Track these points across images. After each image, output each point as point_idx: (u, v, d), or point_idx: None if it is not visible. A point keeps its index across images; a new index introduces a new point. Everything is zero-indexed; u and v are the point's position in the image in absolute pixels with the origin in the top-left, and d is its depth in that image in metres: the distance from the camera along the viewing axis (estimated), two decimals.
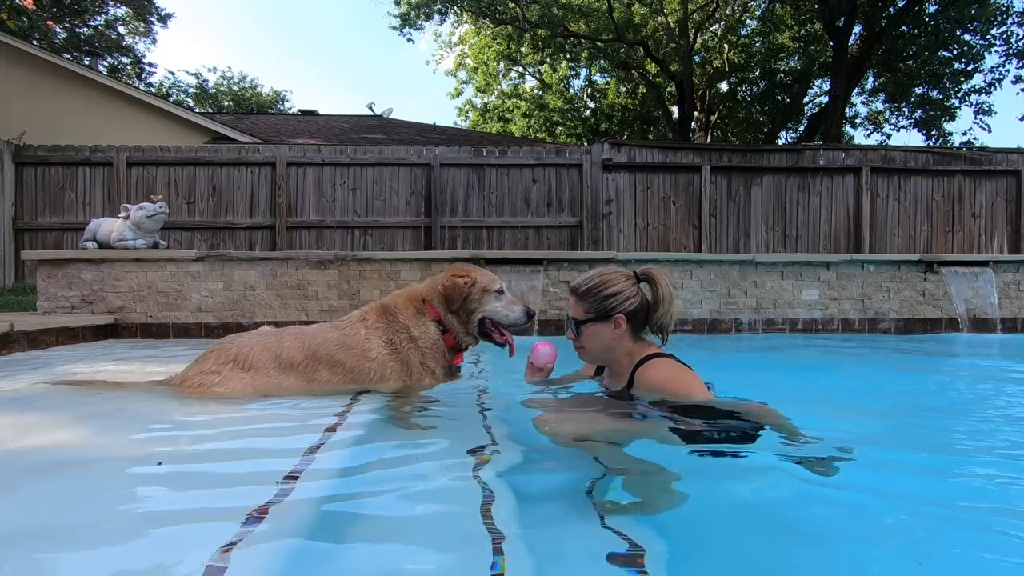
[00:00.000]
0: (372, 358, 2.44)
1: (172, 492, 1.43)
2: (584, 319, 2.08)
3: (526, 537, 1.14)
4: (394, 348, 2.47)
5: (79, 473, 1.54)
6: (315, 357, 2.43)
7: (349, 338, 2.48)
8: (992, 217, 9.96)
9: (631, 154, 9.70)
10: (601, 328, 2.06)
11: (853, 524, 1.28)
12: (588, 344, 2.12)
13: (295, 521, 1.20)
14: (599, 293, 2.06)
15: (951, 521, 1.30)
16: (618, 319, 2.04)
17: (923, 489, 1.50)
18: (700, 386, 1.98)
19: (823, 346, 5.08)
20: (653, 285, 2.07)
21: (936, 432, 2.16)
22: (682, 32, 18.66)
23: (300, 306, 5.50)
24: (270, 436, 1.93)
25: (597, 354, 2.16)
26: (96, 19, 21.92)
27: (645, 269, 2.11)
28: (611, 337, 2.06)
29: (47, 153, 9.15)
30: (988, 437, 2.07)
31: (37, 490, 1.43)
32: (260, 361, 2.40)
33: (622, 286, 2.06)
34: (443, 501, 1.38)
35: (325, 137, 14.12)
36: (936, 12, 14.91)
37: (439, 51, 27.70)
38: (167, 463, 1.60)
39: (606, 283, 2.07)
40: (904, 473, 1.63)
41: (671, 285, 2.08)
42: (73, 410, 2.22)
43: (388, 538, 1.18)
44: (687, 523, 1.29)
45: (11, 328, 3.93)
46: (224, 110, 28.14)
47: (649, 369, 2.00)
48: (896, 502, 1.40)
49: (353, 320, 2.57)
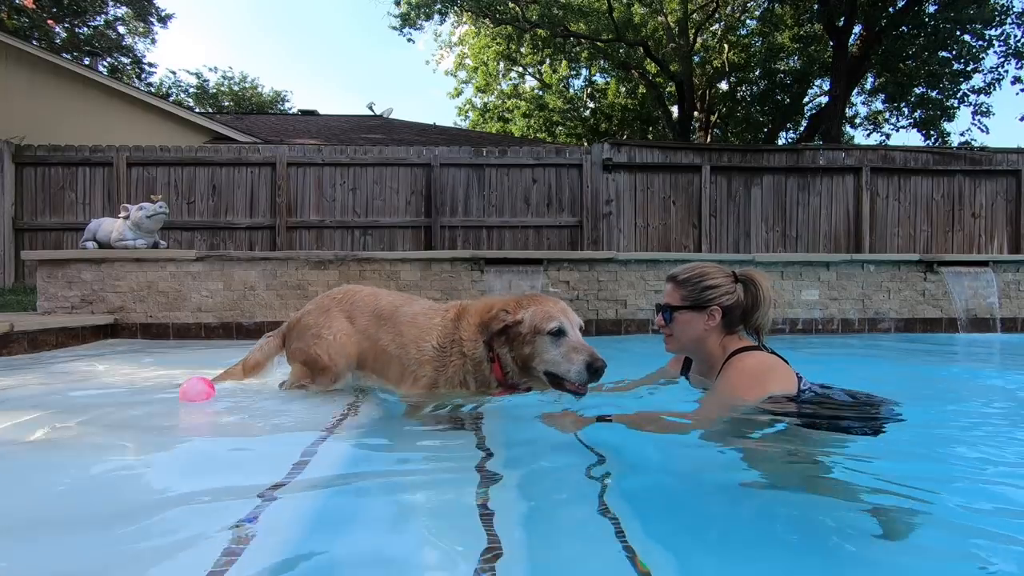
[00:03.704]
0: (421, 349, 2.32)
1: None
2: (680, 305, 2.10)
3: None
4: (441, 353, 2.30)
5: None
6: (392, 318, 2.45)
7: (422, 318, 2.39)
8: (992, 217, 9.96)
9: (631, 154, 9.70)
10: (695, 317, 2.08)
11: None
12: (678, 332, 2.12)
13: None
14: (699, 283, 2.09)
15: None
16: (713, 311, 2.06)
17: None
18: (778, 386, 1.94)
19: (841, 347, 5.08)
20: (754, 287, 2.09)
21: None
22: (682, 32, 18.66)
23: (300, 306, 5.44)
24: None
25: (685, 343, 2.15)
26: (96, 19, 21.91)
27: (745, 271, 2.14)
28: (703, 328, 2.08)
29: (47, 153, 9.14)
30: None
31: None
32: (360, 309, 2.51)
33: (721, 280, 2.09)
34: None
35: (325, 137, 14.12)
36: (936, 12, 14.91)
37: (439, 51, 27.77)
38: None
39: (707, 275, 2.10)
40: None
41: (770, 288, 2.11)
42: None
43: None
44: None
45: (11, 328, 3.93)
46: (224, 110, 28.13)
47: (738, 361, 2.00)
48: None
49: (440, 308, 2.46)
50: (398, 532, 1.22)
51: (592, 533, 1.20)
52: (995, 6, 14.65)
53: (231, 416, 2.24)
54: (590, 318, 5.62)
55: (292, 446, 1.71)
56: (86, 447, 1.80)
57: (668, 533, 1.25)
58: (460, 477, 1.50)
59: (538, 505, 1.38)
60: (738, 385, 1.94)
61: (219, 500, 1.35)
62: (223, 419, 2.21)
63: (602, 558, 1.09)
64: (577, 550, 1.16)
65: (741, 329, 2.13)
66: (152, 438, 1.94)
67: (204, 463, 1.68)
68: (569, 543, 1.20)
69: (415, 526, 1.25)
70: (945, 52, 15.57)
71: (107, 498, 1.39)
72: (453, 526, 1.22)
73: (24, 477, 1.55)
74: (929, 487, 1.41)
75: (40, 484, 1.49)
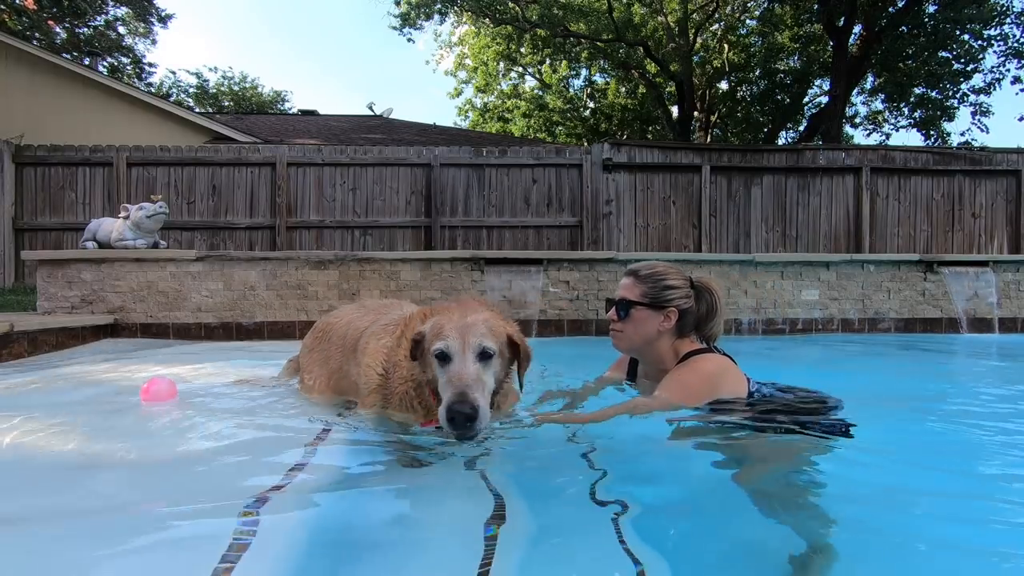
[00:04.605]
0: (368, 377, 2.01)
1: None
2: (639, 301, 2.05)
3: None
4: (385, 379, 1.97)
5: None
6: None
7: (373, 341, 2.08)
8: (992, 217, 9.96)
9: (631, 154, 9.70)
10: (652, 316, 2.04)
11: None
12: (631, 329, 2.07)
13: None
14: (660, 281, 2.06)
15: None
16: (670, 312, 2.03)
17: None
18: (730, 388, 1.94)
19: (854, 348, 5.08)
20: (709, 295, 2.07)
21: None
22: (682, 32, 18.65)
23: (300, 306, 5.50)
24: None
25: (636, 343, 2.09)
26: (96, 19, 21.90)
27: (702, 279, 2.12)
28: (657, 329, 2.04)
29: (47, 153, 9.14)
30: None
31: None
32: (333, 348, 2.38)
33: (680, 283, 2.07)
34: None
35: (325, 137, 14.12)
36: (935, 12, 14.91)
37: (439, 51, 27.75)
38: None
39: (668, 275, 2.07)
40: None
41: (724, 297, 2.10)
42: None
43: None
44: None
45: (11, 328, 3.93)
46: (224, 110, 28.13)
47: (694, 363, 1.98)
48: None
49: (399, 322, 2.04)
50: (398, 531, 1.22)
51: (590, 534, 1.20)
52: (995, 6, 14.66)
53: (231, 415, 2.24)
54: (590, 318, 5.63)
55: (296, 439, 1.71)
56: (86, 447, 1.80)
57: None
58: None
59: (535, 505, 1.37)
60: (691, 384, 1.91)
61: (218, 500, 1.35)
62: (223, 418, 2.20)
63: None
64: (575, 544, 1.16)
65: (693, 335, 2.10)
66: (153, 437, 1.94)
67: (204, 463, 1.68)
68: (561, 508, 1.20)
69: (415, 527, 1.25)
70: (945, 52, 15.58)
71: (107, 498, 1.39)
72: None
73: (19, 476, 1.55)
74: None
75: (37, 483, 1.49)
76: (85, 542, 1.15)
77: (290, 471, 1.52)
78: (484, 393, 1.55)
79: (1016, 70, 15.38)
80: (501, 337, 1.69)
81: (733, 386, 1.95)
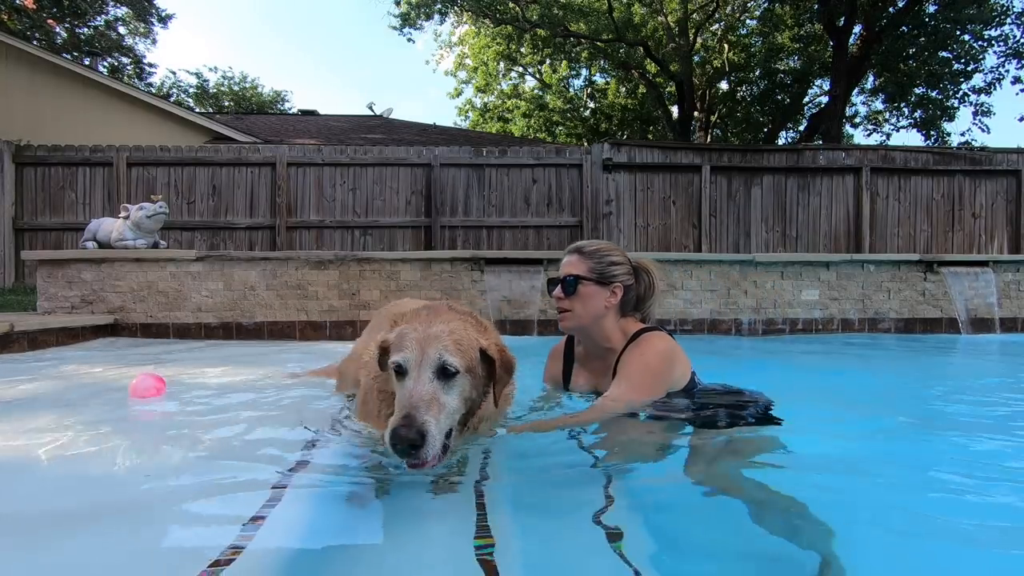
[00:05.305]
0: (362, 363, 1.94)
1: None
2: (586, 276, 2.06)
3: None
4: (367, 393, 1.86)
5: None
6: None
7: (362, 348, 2.05)
8: (992, 217, 9.96)
9: (631, 154, 9.70)
10: (599, 292, 2.06)
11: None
12: (580, 306, 2.06)
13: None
14: (605, 257, 2.09)
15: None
16: (616, 288, 2.06)
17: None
18: (682, 368, 2.00)
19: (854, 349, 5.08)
20: (647, 275, 2.13)
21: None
22: (682, 32, 18.65)
23: (300, 306, 5.50)
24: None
25: (586, 320, 2.07)
26: (96, 19, 21.91)
27: (639, 259, 2.18)
28: (604, 305, 2.06)
29: (47, 153, 9.14)
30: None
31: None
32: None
33: (622, 259, 2.12)
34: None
35: (325, 137, 14.12)
36: (936, 12, 14.91)
37: (439, 51, 27.78)
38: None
39: (612, 251, 2.12)
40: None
41: (661, 278, 2.17)
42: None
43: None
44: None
45: (11, 328, 3.93)
46: (224, 110, 28.14)
47: (646, 342, 1.99)
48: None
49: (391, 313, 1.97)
50: (398, 531, 1.22)
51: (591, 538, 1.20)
52: (995, 6, 14.66)
53: (233, 413, 2.23)
54: None
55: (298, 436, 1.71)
56: (84, 447, 1.80)
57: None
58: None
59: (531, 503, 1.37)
60: (652, 363, 1.95)
61: (220, 500, 1.35)
62: (223, 417, 2.20)
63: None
64: (569, 544, 1.16)
65: (635, 314, 2.15)
66: (151, 437, 1.94)
67: (203, 462, 1.68)
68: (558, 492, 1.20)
69: (415, 524, 1.25)
70: (945, 52, 15.58)
71: (107, 497, 1.39)
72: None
73: (16, 476, 1.55)
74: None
75: (34, 483, 1.49)
76: (81, 542, 1.15)
77: (276, 486, 1.52)
78: (440, 415, 1.34)
79: (1016, 70, 15.40)
80: (470, 351, 1.47)
81: (684, 365, 2.02)
